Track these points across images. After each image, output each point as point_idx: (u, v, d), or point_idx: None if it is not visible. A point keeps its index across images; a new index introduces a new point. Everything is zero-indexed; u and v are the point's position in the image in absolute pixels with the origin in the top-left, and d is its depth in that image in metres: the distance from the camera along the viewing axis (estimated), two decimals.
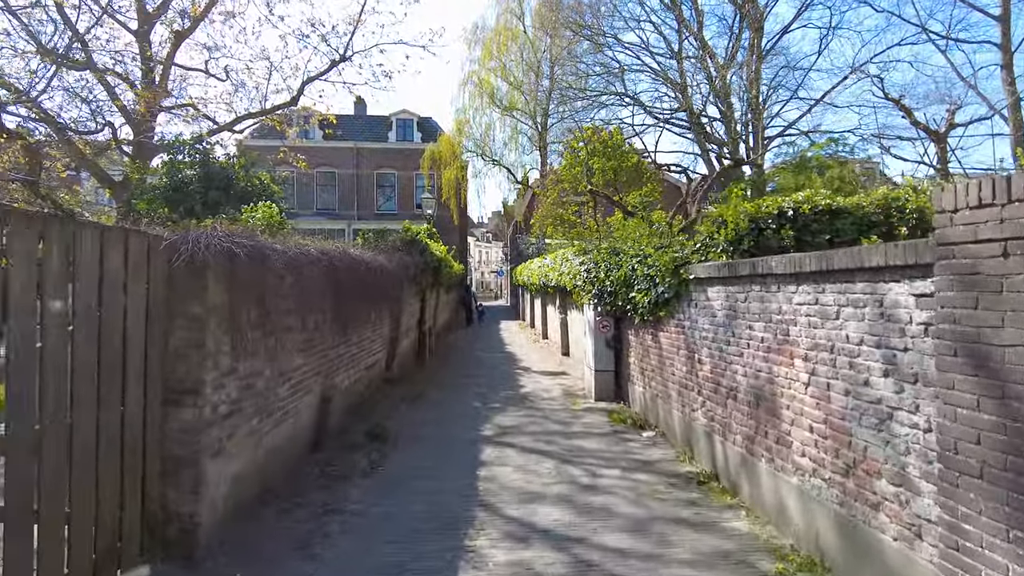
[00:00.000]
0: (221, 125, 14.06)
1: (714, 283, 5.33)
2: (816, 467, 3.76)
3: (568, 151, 14.28)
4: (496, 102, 29.11)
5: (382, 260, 8.72)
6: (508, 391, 9.68)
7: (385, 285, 8.83)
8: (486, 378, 11.08)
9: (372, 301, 8.22)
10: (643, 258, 7.03)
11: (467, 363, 13.31)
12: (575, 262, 10.09)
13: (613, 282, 7.83)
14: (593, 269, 8.81)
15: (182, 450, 3.80)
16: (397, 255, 10.14)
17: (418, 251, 10.75)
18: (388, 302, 9.50)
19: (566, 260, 11.31)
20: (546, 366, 12.51)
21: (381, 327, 9.49)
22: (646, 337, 7.36)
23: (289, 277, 5.09)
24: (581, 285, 9.40)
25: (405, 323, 11.70)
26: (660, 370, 6.88)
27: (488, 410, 8.29)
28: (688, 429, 6.04)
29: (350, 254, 6.67)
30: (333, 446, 6.38)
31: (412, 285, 11.74)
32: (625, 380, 8.48)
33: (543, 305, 17.57)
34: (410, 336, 12.59)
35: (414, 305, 12.67)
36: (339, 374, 6.98)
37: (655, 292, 6.51)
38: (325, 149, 33.64)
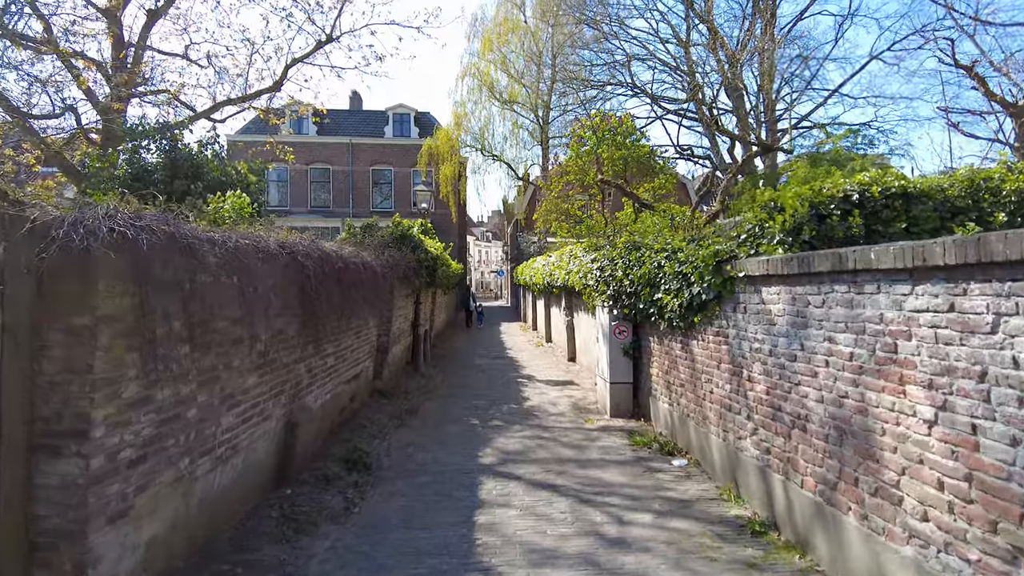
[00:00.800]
0: (199, 112, 12.98)
1: (772, 282, 4.25)
2: (951, 540, 2.67)
3: (574, 139, 13.20)
4: (496, 95, 28.00)
5: (367, 257, 7.64)
6: (511, 404, 8.59)
7: (371, 285, 7.75)
8: (486, 388, 9.99)
9: (354, 303, 7.14)
10: (672, 253, 5.95)
11: (466, 370, 12.22)
12: (585, 259, 9.01)
13: (633, 281, 6.74)
14: (608, 267, 7.72)
15: (59, 517, 2.71)
16: (386, 252, 9.05)
17: (410, 247, 9.66)
18: (375, 304, 8.42)
19: (574, 257, 10.23)
20: (552, 374, 11.43)
21: (367, 332, 8.41)
22: (674, 346, 6.27)
23: (235, 276, 4.00)
24: (593, 285, 8.31)
25: (397, 327, 10.62)
26: (692, 386, 5.79)
27: (488, 429, 7.20)
28: (732, 460, 4.95)
29: (323, 249, 5.58)
30: (303, 479, 5.30)
31: (404, 285, 10.65)
32: (645, 394, 7.39)
33: (546, 306, 16.49)
34: (403, 341, 11.51)
35: (407, 307, 11.59)
36: (311, 391, 5.89)
37: (688, 293, 5.42)
38: (319, 145, 32.59)
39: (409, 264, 9.72)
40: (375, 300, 8.25)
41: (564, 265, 11.12)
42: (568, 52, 24.70)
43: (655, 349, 6.96)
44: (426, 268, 11.03)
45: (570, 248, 10.84)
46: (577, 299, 11.60)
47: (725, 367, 5.05)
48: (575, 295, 11.53)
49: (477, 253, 66.97)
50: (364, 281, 7.30)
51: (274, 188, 32.72)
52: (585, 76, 21.94)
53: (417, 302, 12.39)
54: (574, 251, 10.40)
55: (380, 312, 9.44)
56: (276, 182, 32.60)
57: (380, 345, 9.78)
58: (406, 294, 11.21)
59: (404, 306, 11.23)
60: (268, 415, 4.80)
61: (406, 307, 11.51)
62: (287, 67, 12.70)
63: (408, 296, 11.43)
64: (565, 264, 11.07)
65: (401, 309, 10.96)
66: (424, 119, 33.60)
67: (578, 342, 12.23)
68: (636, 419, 7.43)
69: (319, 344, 5.98)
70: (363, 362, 8.32)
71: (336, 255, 6.00)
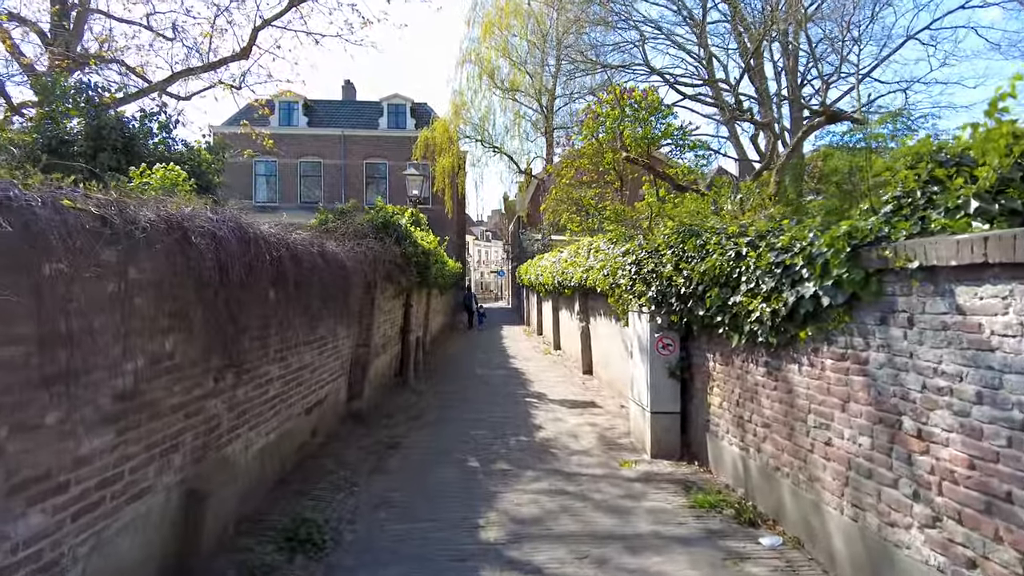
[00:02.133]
0: (153, 84, 11.20)
1: (990, 276, 2.46)
2: None
3: (590, 117, 11.41)
4: (497, 83, 26.21)
5: (332, 247, 5.86)
6: (519, 436, 6.79)
7: (338, 284, 5.98)
8: (488, 410, 8.20)
9: (312, 308, 5.36)
10: (761, 238, 4.17)
11: (464, 384, 10.43)
12: (613, 253, 7.23)
13: (691, 279, 4.95)
14: (649, 261, 5.94)
15: None
16: (365, 243, 7.27)
17: (393, 239, 7.87)
18: (346, 309, 6.64)
19: (595, 252, 8.45)
20: (566, 391, 9.63)
21: (336, 344, 6.62)
22: (752, 369, 4.49)
23: (24, 273, 2.22)
24: (626, 285, 6.52)
25: (380, 335, 8.83)
26: (788, 429, 4.01)
27: (492, 477, 5.40)
28: (876, 556, 3.16)
29: (246, 229, 3.78)
30: (216, 570, 3.52)
31: (389, 285, 8.87)
32: (699, 429, 5.60)
33: (555, 309, 14.70)
34: (389, 351, 9.72)
35: (394, 311, 9.80)
36: (237, 435, 4.11)
37: (793, 294, 3.64)
38: (310, 137, 30.83)
39: (394, 259, 7.93)
40: (346, 303, 6.46)
41: (580, 261, 9.34)
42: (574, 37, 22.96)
43: (716, 370, 5.17)
44: (416, 264, 9.24)
45: (588, 241, 9.05)
46: (595, 301, 9.82)
47: (860, 409, 3.26)
48: (594, 296, 9.75)
49: (477, 253, 65.21)
50: (328, 279, 5.52)
51: (263, 183, 30.95)
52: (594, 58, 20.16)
53: (407, 305, 10.61)
54: (594, 244, 8.61)
55: (356, 318, 7.66)
56: (264, 176, 30.87)
57: (358, 358, 8.00)
58: (393, 295, 9.42)
59: (390, 309, 9.44)
60: (144, 488, 3.00)
61: (393, 311, 9.73)
62: (256, 30, 10.92)
63: (395, 298, 9.65)
64: (582, 260, 9.29)
65: (386, 313, 9.18)
66: (421, 110, 31.85)
67: (596, 352, 10.44)
68: (687, 462, 5.64)
69: (249, 368, 4.19)
70: (331, 383, 6.54)
71: (276, 240, 4.21)
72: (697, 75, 20.92)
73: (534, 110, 26.90)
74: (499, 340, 18.10)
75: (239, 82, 13.23)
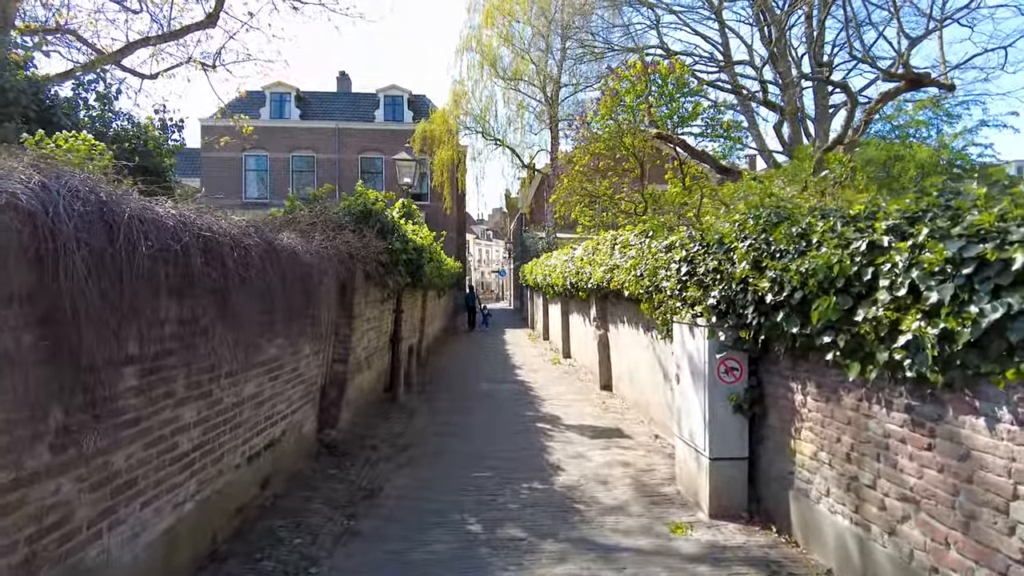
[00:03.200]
0: (106, 55, 9.79)
1: None
2: None
3: (607, 94, 9.98)
4: (499, 72, 24.82)
5: (288, 242, 4.45)
6: (533, 482, 5.36)
7: (302, 287, 4.59)
8: (492, 442, 6.78)
9: (260, 319, 3.96)
10: (923, 219, 2.75)
11: (464, 403, 9.01)
12: (651, 248, 5.81)
13: (785, 281, 3.52)
14: (706, 257, 4.53)
15: None
16: (340, 236, 5.86)
17: (375, 231, 6.44)
18: (314, 316, 5.22)
19: (622, 247, 7.02)
20: (583, 412, 8.21)
21: (296, 365, 5.20)
22: (882, 413, 3.06)
23: None
24: (670, 288, 5.10)
25: (363, 347, 7.42)
26: (964, 517, 2.58)
27: (499, 552, 3.97)
28: None
29: (108, 202, 2.36)
30: None
31: (373, 287, 7.46)
32: (777, 482, 4.17)
33: (564, 313, 13.28)
34: (375, 364, 8.31)
35: (381, 318, 8.39)
36: (112, 523, 2.69)
37: (999, 309, 2.22)
38: (302, 130, 29.44)
39: (377, 256, 6.50)
40: (312, 312, 5.05)
41: (601, 259, 7.93)
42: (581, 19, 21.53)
43: (809, 407, 3.75)
44: (407, 263, 7.83)
45: (612, 235, 7.62)
46: (617, 306, 8.40)
47: None
48: (615, 301, 8.33)
49: (477, 252, 63.80)
50: (283, 281, 4.13)
51: (253, 178, 29.52)
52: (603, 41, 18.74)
53: (398, 310, 9.19)
54: (621, 238, 7.18)
55: (331, 328, 6.26)
56: (255, 171, 29.45)
57: (334, 377, 6.59)
58: (379, 299, 8.00)
59: (375, 316, 8.02)
60: None
61: (380, 317, 8.31)
62: None
63: (382, 302, 8.23)
64: (603, 257, 7.87)
65: (371, 321, 7.76)
66: (419, 102, 30.41)
67: (618, 366, 9.01)
68: (760, 526, 4.22)
69: (135, 418, 2.77)
70: (290, 415, 5.11)
71: (177, 225, 2.79)
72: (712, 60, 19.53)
73: (538, 100, 25.50)
74: (502, 346, 16.67)
75: (214, 60, 11.88)
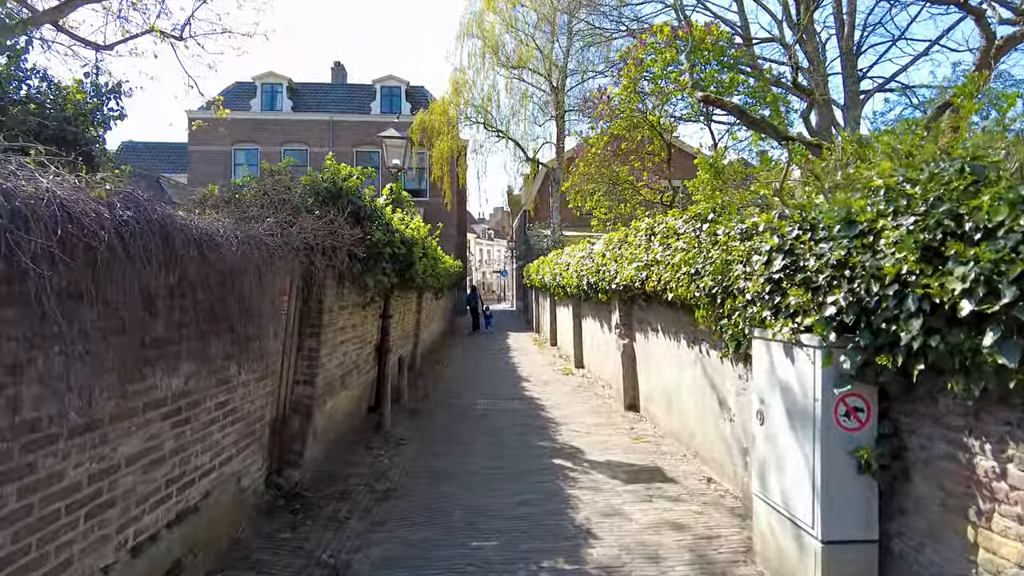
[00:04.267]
0: (41, 13, 8.36)
1: None
2: None
3: (631, 63, 8.53)
4: (502, 60, 23.39)
5: (207, 226, 3.01)
6: (558, 558, 3.86)
7: (229, 286, 3.15)
8: (498, 489, 5.31)
9: (146, 335, 2.51)
10: None
11: (462, 429, 7.55)
12: (725, 235, 4.35)
13: (1009, 278, 2.07)
14: (822, 245, 3.08)
15: None
16: (299, 222, 4.42)
17: (350, 214, 4.98)
18: (254, 328, 3.76)
19: (663, 237, 5.57)
20: (609, 441, 6.76)
21: (225, 399, 3.73)
22: None
23: None
24: (755, 289, 3.65)
25: (336, 363, 5.98)
26: None
27: None
28: None
29: None
30: None
31: (349, 288, 6.01)
32: None
33: (577, 316, 11.82)
34: (356, 382, 6.86)
35: (363, 324, 6.93)
36: None
37: None
38: (294, 123, 28.05)
39: (350, 248, 5.04)
40: (246, 323, 3.59)
41: (631, 254, 6.48)
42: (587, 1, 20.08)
43: (1016, 482, 2.31)
44: (394, 258, 6.38)
45: (648, 223, 6.16)
46: (648, 311, 6.94)
47: None
48: (645, 304, 6.88)
49: (478, 251, 62.35)
50: (200, 277, 2.70)
51: (242, 173, 28.06)
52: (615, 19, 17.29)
53: (384, 315, 7.73)
54: (662, 226, 5.72)
55: (292, 341, 4.82)
56: (245, 165, 27.98)
57: (296, 403, 5.15)
58: (358, 303, 6.54)
59: (355, 324, 6.57)
60: None
61: (361, 325, 6.86)
62: None
63: (364, 306, 6.76)
64: (632, 251, 6.42)
65: (348, 330, 6.31)
66: (417, 94, 29.01)
67: (647, 382, 7.56)
68: None
69: None
70: (219, 467, 3.66)
71: None
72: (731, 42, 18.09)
73: (543, 90, 24.04)
74: (506, 353, 15.20)
75: (181, 31, 10.47)
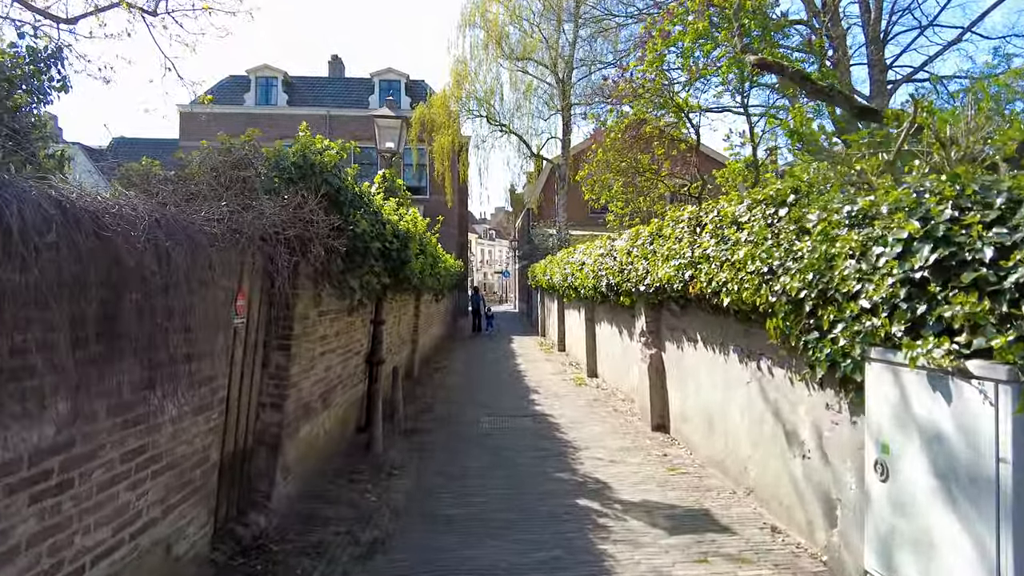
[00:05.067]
0: None
1: None
2: None
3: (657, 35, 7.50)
4: (505, 51, 22.38)
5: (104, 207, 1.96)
6: None
7: (138, 289, 2.09)
8: (510, 545, 4.29)
9: None
10: None
11: (464, 453, 6.52)
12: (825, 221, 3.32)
13: None
14: None
15: None
16: (259, 205, 3.40)
17: (325, 197, 3.95)
18: (178, 345, 2.74)
19: (719, 229, 4.51)
20: (641, 474, 5.73)
21: (142, 437, 2.68)
22: None
23: None
24: (869, 295, 2.61)
25: (312, 380, 4.94)
26: None
27: None
28: None
29: None
30: None
31: (328, 290, 4.96)
32: None
33: (590, 320, 10.79)
34: (337, 400, 5.82)
35: (348, 331, 5.89)
36: None
37: None
38: (289, 117, 26.95)
39: (328, 238, 4.02)
40: (171, 338, 2.56)
41: (668, 248, 5.45)
42: None
43: None
44: (384, 254, 5.35)
45: (691, 212, 5.10)
46: (685, 317, 5.90)
47: None
48: (682, 310, 5.84)
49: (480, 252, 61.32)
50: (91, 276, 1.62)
51: None
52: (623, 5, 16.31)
53: (376, 320, 6.70)
54: (711, 214, 4.66)
55: (251, 357, 3.80)
56: None
57: (261, 433, 4.14)
58: (342, 308, 5.50)
59: (338, 332, 5.53)
60: None
61: (346, 333, 5.82)
62: None
63: (349, 311, 5.72)
64: (674, 244, 5.39)
65: (328, 340, 5.27)
66: (417, 88, 28.01)
67: (679, 399, 6.52)
68: None
69: None
70: (137, 535, 2.62)
71: None
72: None
73: (548, 83, 23.04)
74: (511, 359, 14.16)
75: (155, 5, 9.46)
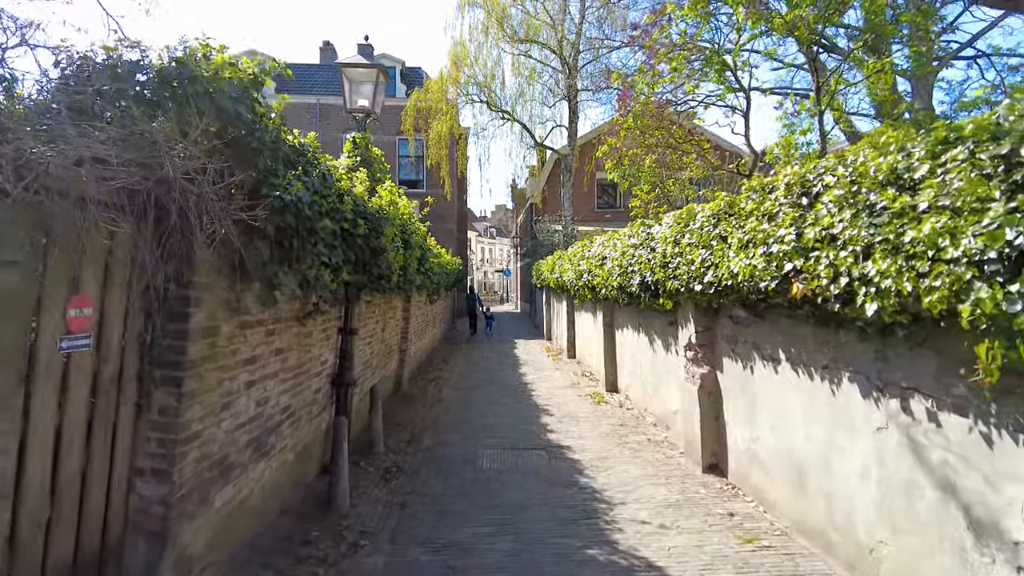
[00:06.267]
0: None
1: None
2: None
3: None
4: (507, 32, 20.82)
5: None
6: None
7: None
8: None
9: None
10: None
11: (458, 519, 4.97)
12: None
13: None
14: None
15: None
16: (73, 135, 1.82)
17: (219, 136, 2.41)
18: None
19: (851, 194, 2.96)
20: (708, 551, 4.18)
21: None
22: None
23: None
24: None
25: (226, 423, 3.34)
26: None
27: None
28: None
29: None
30: None
31: (262, 288, 3.38)
32: None
33: (608, 325, 9.23)
34: (285, 445, 4.23)
35: (300, 347, 4.28)
36: None
37: None
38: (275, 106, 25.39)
39: (234, 208, 2.48)
40: None
41: (751, 230, 3.89)
42: None
43: None
44: (345, 238, 3.81)
45: (790, 175, 3.55)
46: (763, 326, 4.32)
47: None
48: (759, 317, 4.27)
49: (479, 250, 59.69)
50: None
51: None
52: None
53: (345, 329, 5.10)
54: (831, 175, 3.10)
55: (110, 402, 2.19)
56: None
57: (139, 522, 2.53)
58: (290, 316, 3.92)
59: (282, 351, 3.93)
60: None
61: (299, 349, 4.22)
62: None
63: (300, 320, 4.14)
64: (757, 225, 3.84)
65: (259, 366, 3.68)
66: (413, 75, 26.45)
67: (748, 437, 4.94)
68: None
69: None
70: None
71: None
72: None
73: (553, 67, 21.49)
74: (515, 368, 12.55)
75: None
